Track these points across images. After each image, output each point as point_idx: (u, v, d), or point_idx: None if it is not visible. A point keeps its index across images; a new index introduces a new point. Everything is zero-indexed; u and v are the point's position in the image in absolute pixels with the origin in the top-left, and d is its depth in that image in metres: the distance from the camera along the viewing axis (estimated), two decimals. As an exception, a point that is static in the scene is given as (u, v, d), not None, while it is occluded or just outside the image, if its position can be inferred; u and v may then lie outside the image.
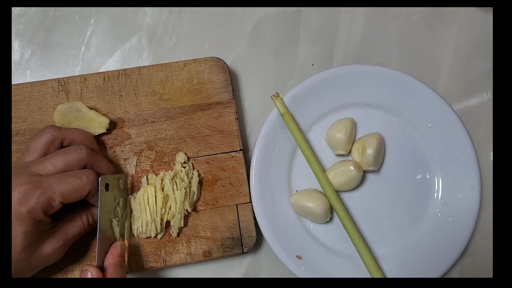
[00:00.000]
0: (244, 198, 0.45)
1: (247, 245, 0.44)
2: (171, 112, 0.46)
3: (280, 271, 0.47)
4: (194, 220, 0.44)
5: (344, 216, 0.43)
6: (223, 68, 0.47)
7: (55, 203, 0.35)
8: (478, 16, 0.54)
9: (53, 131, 0.39)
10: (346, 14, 0.53)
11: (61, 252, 0.38)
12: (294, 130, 0.45)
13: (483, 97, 0.52)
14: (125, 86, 0.47)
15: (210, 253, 0.43)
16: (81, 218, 0.40)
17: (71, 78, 0.46)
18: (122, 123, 0.46)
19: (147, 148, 0.46)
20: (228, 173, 0.45)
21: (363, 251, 0.42)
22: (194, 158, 0.46)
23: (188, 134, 0.46)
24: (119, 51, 0.51)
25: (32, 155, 0.38)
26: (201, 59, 0.48)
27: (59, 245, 0.37)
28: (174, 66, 0.47)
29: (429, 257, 0.45)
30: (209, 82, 0.47)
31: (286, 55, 0.52)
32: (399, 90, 0.47)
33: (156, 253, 0.43)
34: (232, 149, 0.46)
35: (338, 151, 0.46)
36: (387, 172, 0.47)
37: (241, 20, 0.53)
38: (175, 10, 0.53)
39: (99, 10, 0.52)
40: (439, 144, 0.47)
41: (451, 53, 0.53)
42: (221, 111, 0.47)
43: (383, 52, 0.53)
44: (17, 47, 0.51)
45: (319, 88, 0.47)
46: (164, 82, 0.47)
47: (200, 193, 0.45)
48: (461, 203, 0.46)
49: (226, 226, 0.44)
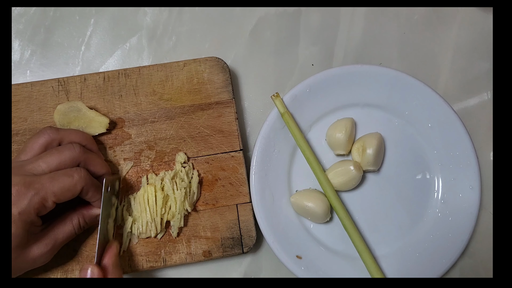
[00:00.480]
0: (244, 198, 0.45)
1: (247, 245, 0.44)
2: (171, 112, 0.46)
3: (280, 271, 0.47)
4: (194, 220, 0.44)
5: (344, 216, 0.43)
6: (223, 68, 0.47)
7: (48, 203, 0.35)
8: (478, 16, 0.54)
9: (51, 132, 0.39)
10: (346, 14, 0.53)
11: (48, 256, 0.37)
12: (294, 130, 0.45)
13: (483, 97, 0.52)
14: (125, 86, 0.47)
15: (210, 253, 0.43)
16: (71, 221, 0.39)
17: (71, 78, 0.46)
18: (122, 123, 0.46)
19: (147, 148, 0.46)
20: (228, 173, 0.45)
21: (363, 251, 0.42)
22: (194, 158, 0.46)
23: (188, 134, 0.46)
24: (119, 51, 0.51)
25: (28, 155, 0.38)
26: (201, 59, 0.48)
27: (47, 249, 0.37)
28: (174, 66, 0.47)
29: (429, 257, 0.44)
30: (209, 82, 0.47)
31: (286, 55, 0.52)
32: (399, 90, 0.47)
33: (156, 253, 0.43)
34: (232, 149, 0.46)
35: (338, 151, 0.46)
36: (387, 172, 0.47)
37: (241, 20, 0.53)
38: (175, 10, 0.53)
39: (99, 10, 0.52)
40: (439, 144, 0.47)
41: (451, 53, 0.53)
42: (221, 111, 0.47)
43: (383, 52, 0.53)
44: (17, 47, 0.51)
45: (319, 88, 0.47)
46: (164, 82, 0.47)
47: (200, 193, 0.45)
48: (461, 203, 0.45)
49: (226, 226, 0.44)
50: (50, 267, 0.42)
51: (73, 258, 0.42)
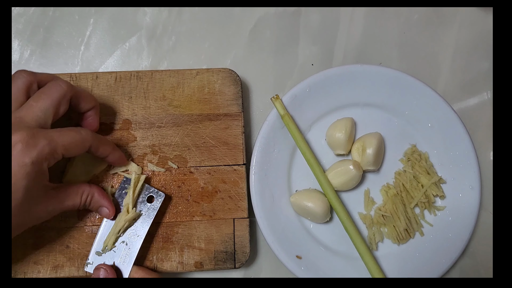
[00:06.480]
0: (242, 213, 0.45)
1: (240, 260, 0.44)
2: (178, 119, 0.46)
3: (280, 271, 0.47)
4: (189, 230, 0.44)
5: (344, 216, 0.43)
6: (235, 81, 0.47)
7: (57, 154, 0.35)
8: (478, 16, 0.54)
9: (26, 74, 0.37)
10: (346, 14, 0.53)
11: (49, 215, 0.37)
12: (294, 132, 0.45)
13: (483, 97, 0.52)
14: (136, 88, 0.47)
15: (202, 265, 0.43)
16: (81, 194, 0.39)
17: (83, 74, 0.46)
18: (129, 125, 0.46)
19: (151, 152, 0.45)
20: (228, 186, 0.45)
21: (363, 251, 0.42)
22: (196, 167, 0.46)
23: (193, 142, 0.46)
24: (118, 51, 0.51)
25: (14, 105, 0.36)
26: (214, 69, 0.47)
27: (51, 208, 0.37)
28: (187, 74, 0.47)
29: (429, 257, 0.45)
30: (219, 93, 0.47)
31: (285, 55, 0.52)
32: (399, 90, 0.47)
33: (148, 259, 0.43)
34: (235, 162, 0.46)
35: (338, 151, 0.46)
36: (387, 172, 0.47)
37: (241, 20, 0.53)
38: (174, 10, 0.53)
39: (98, 10, 0.52)
40: (439, 144, 0.47)
41: (451, 53, 0.53)
42: (228, 123, 0.46)
43: (383, 51, 0.53)
44: (16, 47, 0.51)
45: (319, 88, 0.47)
46: (175, 88, 0.47)
47: None
48: (461, 203, 0.45)
49: (220, 239, 0.44)
50: (41, 261, 0.42)
51: (64, 254, 0.42)
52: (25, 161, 0.33)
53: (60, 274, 0.42)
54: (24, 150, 0.33)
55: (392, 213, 0.45)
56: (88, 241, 0.43)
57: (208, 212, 0.45)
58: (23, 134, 0.33)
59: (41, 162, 0.34)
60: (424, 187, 0.45)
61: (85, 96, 0.40)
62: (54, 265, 0.42)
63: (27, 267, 0.42)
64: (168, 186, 0.45)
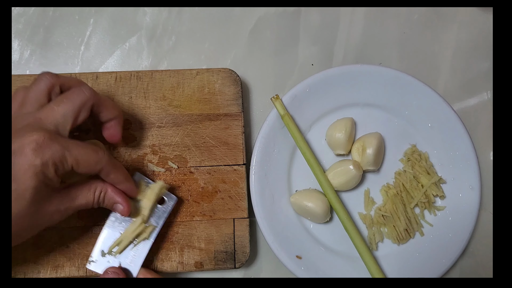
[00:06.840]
0: (242, 213, 0.45)
1: (240, 260, 0.44)
2: (178, 119, 0.46)
3: (280, 271, 0.47)
4: (189, 230, 0.44)
5: (344, 216, 0.43)
6: (235, 81, 0.47)
7: (67, 164, 0.34)
8: (478, 16, 0.54)
9: (50, 77, 0.37)
10: (346, 14, 0.53)
11: (62, 215, 0.36)
12: (294, 132, 0.45)
13: (483, 97, 0.52)
14: (136, 88, 0.47)
15: (202, 265, 0.43)
16: (94, 190, 0.37)
17: (83, 74, 0.46)
18: (129, 125, 0.46)
19: (151, 152, 0.45)
20: (228, 186, 0.45)
21: (364, 251, 0.42)
22: (196, 167, 0.46)
23: (193, 142, 0.46)
24: (118, 51, 0.51)
25: (34, 105, 0.35)
26: (214, 69, 0.47)
27: (63, 208, 0.35)
28: (187, 74, 0.47)
29: (429, 257, 0.45)
30: (220, 93, 0.47)
31: (285, 55, 0.52)
32: (399, 90, 0.47)
33: (148, 259, 0.43)
34: (235, 162, 0.46)
35: (338, 151, 0.46)
36: (387, 172, 0.47)
37: (241, 20, 0.53)
38: (174, 10, 0.53)
39: (98, 10, 0.52)
40: (439, 144, 0.47)
41: (451, 52, 0.53)
42: (228, 123, 0.46)
43: (383, 51, 0.53)
44: (16, 47, 0.51)
45: (319, 88, 0.47)
46: (175, 88, 0.47)
47: None
48: (461, 203, 0.45)
49: (220, 239, 0.44)
50: (41, 261, 0.42)
51: (64, 254, 0.42)
52: (35, 161, 0.32)
53: (60, 274, 0.42)
54: (37, 151, 0.32)
55: (392, 213, 0.45)
56: (88, 241, 0.43)
57: (208, 212, 0.45)
58: (39, 135, 0.33)
59: (50, 165, 0.33)
60: (424, 187, 0.45)
61: (108, 104, 0.39)
62: (54, 265, 0.42)
63: (27, 267, 0.42)
64: (168, 186, 0.45)
